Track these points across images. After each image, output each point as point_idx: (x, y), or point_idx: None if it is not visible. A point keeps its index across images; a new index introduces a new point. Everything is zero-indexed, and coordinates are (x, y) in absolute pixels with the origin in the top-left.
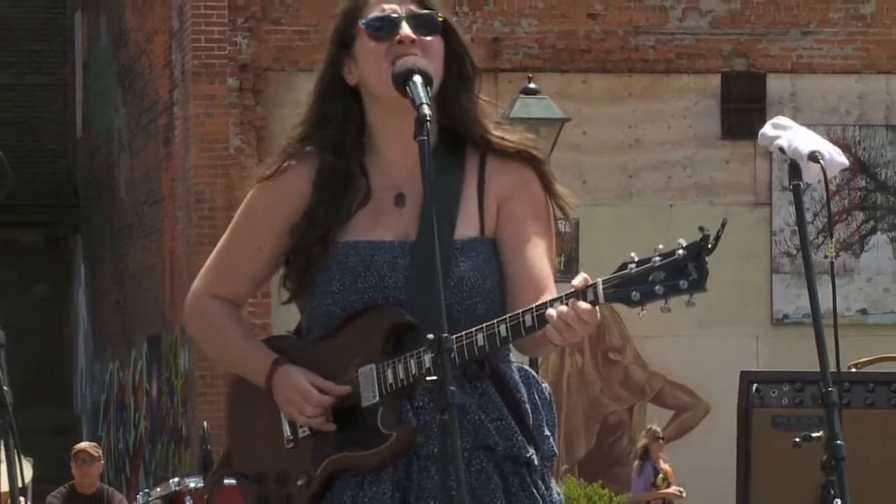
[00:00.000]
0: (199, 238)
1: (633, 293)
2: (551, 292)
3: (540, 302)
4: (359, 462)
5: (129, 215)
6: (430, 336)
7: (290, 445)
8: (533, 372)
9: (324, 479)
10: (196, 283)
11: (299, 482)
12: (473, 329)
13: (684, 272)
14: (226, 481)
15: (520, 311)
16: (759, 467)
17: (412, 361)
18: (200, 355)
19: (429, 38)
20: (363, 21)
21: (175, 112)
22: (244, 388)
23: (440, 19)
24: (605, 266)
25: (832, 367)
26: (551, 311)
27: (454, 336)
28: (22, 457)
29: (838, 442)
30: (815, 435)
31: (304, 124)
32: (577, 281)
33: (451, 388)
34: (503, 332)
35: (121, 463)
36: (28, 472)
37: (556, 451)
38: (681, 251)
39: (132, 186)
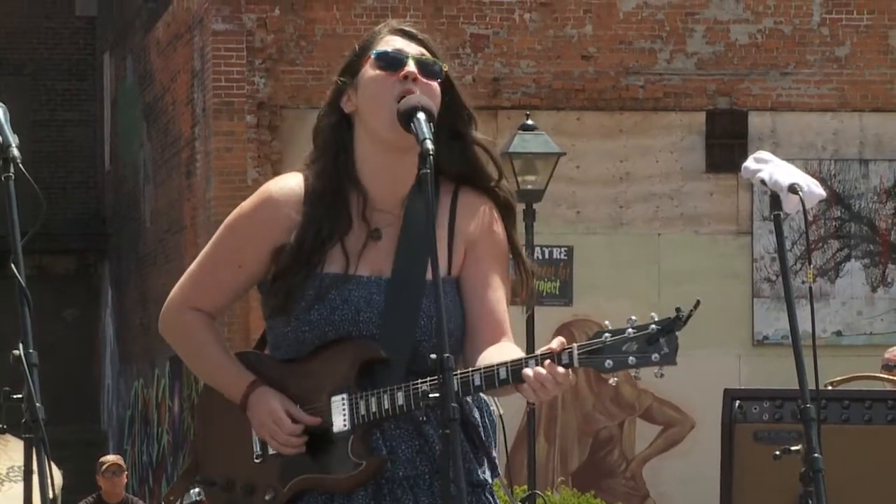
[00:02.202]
0: None
1: (607, 361)
2: (509, 336)
3: (515, 358)
4: (327, 485)
5: (153, 243)
6: (433, 356)
7: (259, 461)
8: (485, 397)
9: (290, 496)
10: (174, 294)
11: (267, 496)
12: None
13: (656, 346)
14: (192, 491)
15: (496, 364)
16: (741, 479)
17: (385, 397)
18: None
19: (429, 82)
20: (374, 51)
21: (197, 146)
22: (214, 399)
23: (444, 69)
24: (598, 290)
25: (810, 386)
26: (528, 372)
27: (429, 379)
28: (53, 468)
29: (816, 455)
30: (794, 448)
31: (311, 153)
32: (555, 344)
33: (454, 404)
34: (476, 382)
35: (145, 475)
36: (59, 482)
37: (499, 473)
38: (654, 326)
39: (156, 216)
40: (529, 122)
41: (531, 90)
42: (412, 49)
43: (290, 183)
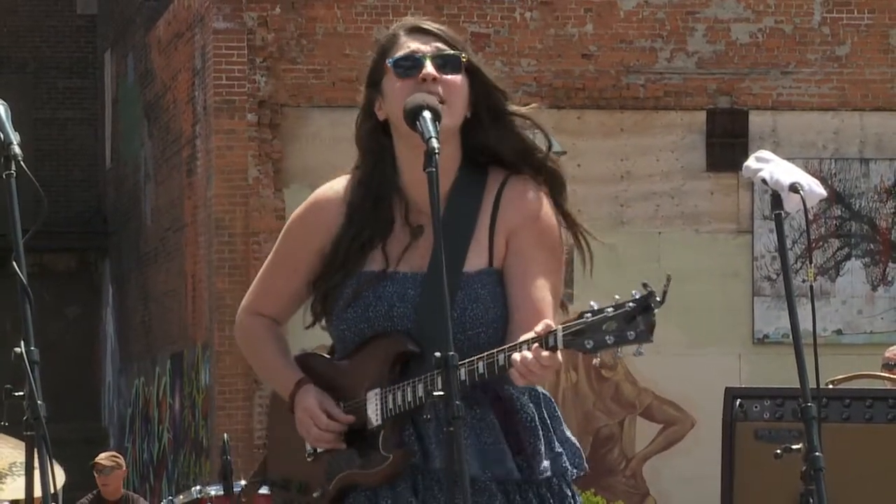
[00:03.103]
0: (220, 262)
1: (587, 341)
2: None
3: (509, 344)
4: (361, 480)
5: (154, 241)
6: (437, 354)
7: (310, 459)
8: (544, 391)
9: (335, 493)
10: (244, 301)
11: (315, 494)
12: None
13: (633, 324)
14: (261, 491)
15: (495, 350)
16: (742, 477)
17: (408, 389)
18: (220, 371)
19: (450, 77)
20: (390, 60)
21: (197, 145)
22: (278, 400)
23: (463, 59)
24: (598, 289)
25: (811, 384)
26: (515, 356)
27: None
28: (55, 465)
29: (817, 454)
30: (795, 447)
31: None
32: (540, 328)
33: (457, 402)
34: (481, 370)
35: (146, 472)
36: (60, 478)
37: (567, 466)
38: (631, 303)
39: (157, 214)
40: None
41: (532, 89)
42: (428, 47)
43: (337, 186)
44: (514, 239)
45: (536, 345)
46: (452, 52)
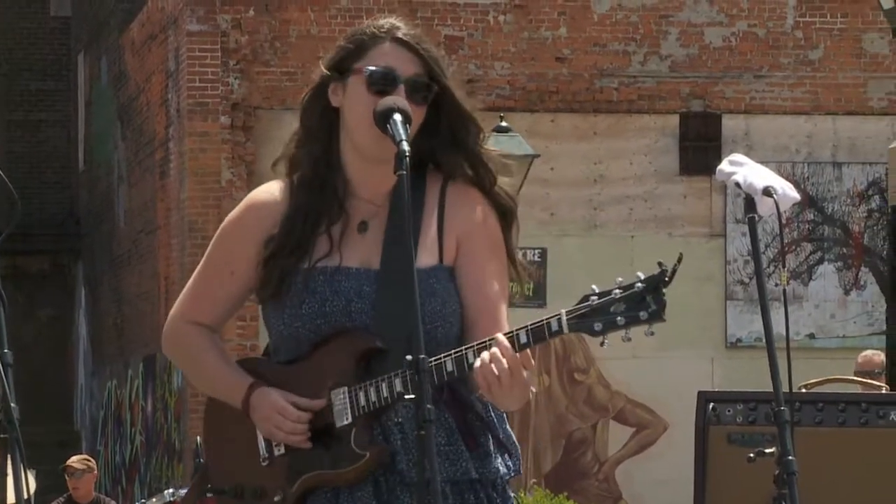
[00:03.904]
0: (193, 265)
1: (596, 324)
2: (505, 328)
3: (478, 342)
4: (333, 479)
5: (127, 243)
6: (409, 357)
7: (266, 463)
8: None
9: (299, 495)
10: (174, 310)
11: (276, 498)
12: (443, 356)
13: (643, 304)
14: (166, 492)
15: (464, 347)
16: (714, 481)
17: (383, 385)
18: None
19: (416, 107)
20: (368, 68)
21: (171, 147)
22: (219, 408)
23: (434, 90)
24: (572, 292)
25: (784, 388)
26: (476, 362)
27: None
28: (26, 470)
29: (790, 458)
30: (768, 451)
31: (295, 136)
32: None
33: (429, 405)
34: (449, 367)
35: (118, 475)
36: (31, 484)
37: (511, 466)
38: (640, 284)
39: (130, 216)
40: (503, 123)
41: (505, 92)
42: (407, 68)
43: (274, 188)
44: (467, 242)
45: (507, 345)
46: (426, 81)
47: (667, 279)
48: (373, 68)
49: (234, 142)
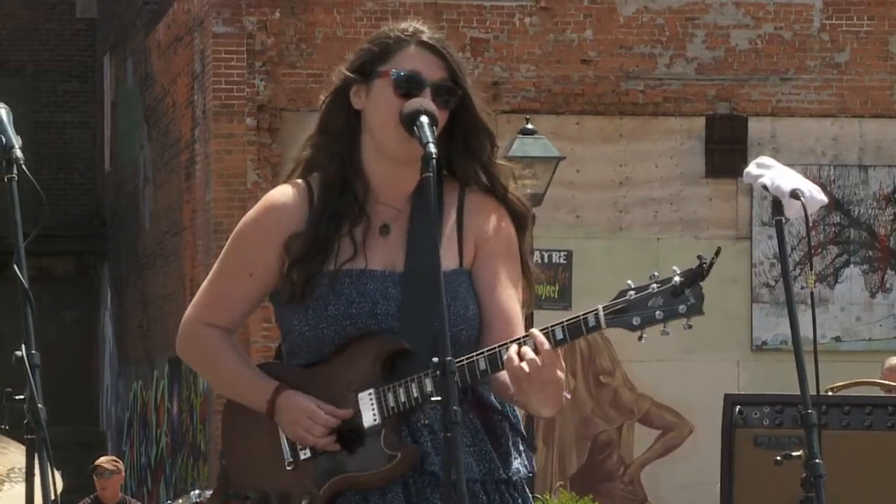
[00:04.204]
0: None
1: (634, 318)
2: (519, 331)
3: (510, 339)
4: (363, 481)
5: (153, 245)
6: (435, 359)
7: (291, 467)
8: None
9: (327, 498)
10: (189, 312)
11: (303, 502)
12: (475, 354)
13: (681, 297)
14: (192, 493)
15: (496, 345)
16: (741, 483)
17: (413, 385)
18: None
19: (440, 111)
20: (395, 71)
21: (196, 149)
22: (238, 411)
23: (458, 94)
24: (597, 294)
25: (811, 391)
26: (513, 355)
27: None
28: (53, 470)
29: (817, 461)
30: (795, 454)
31: (311, 140)
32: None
33: (455, 407)
34: (482, 366)
35: (143, 476)
36: (59, 484)
37: (529, 466)
38: (677, 278)
39: (156, 218)
40: (529, 126)
41: (531, 94)
42: (433, 72)
43: (293, 190)
44: (485, 245)
45: (542, 339)
46: (451, 85)
47: (704, 273)
48: (400, 71)
49: (259, 143)
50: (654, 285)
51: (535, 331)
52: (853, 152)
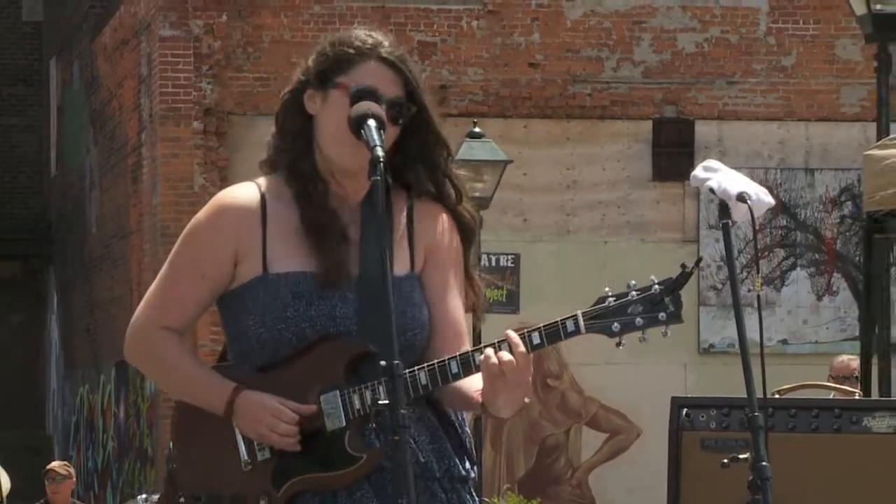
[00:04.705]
0: None
1: (614, 324)
2: (466, 345)
3: (490, 342)
4: (325, 483)
5: (100, 248)
6: (383, 363)
7: (248, 468)
8: None
9: (286, 499)
10: (139, 315)
11: (261, 502)
12: (425, 365)
13: (661, 305)
14: (139, 497)
15: (470, 349)
16: (688, 486)
17: (380, 388)
18: None
19: (391, 127)
20: (353, 85)
21: (143, 153)
22: (189, 414)
23: (412, 111)
24: (545, 298)
25: (759, 394)
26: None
27: (417, 368)
28: (2, 472)
29: (764, 463)
30: (742, 457)
31: (272, 138)
32: (511, 333)
33: (403, 411)
34: (454, 369)
35: (90, 480)
36: (6, 484)
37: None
38: (657, 286)
39: (102, 221)
40: (477, 129)
41: (478, 98)
42: (389, 88)
43: (243, 191)
44: (435, 253)
45: (518, 341)
46: (405, 103)
47: (684, 281)
48: (357, 86)
49: (206, 147)
50: (634, 293)
51: (510, 332)
52: (799, 156)
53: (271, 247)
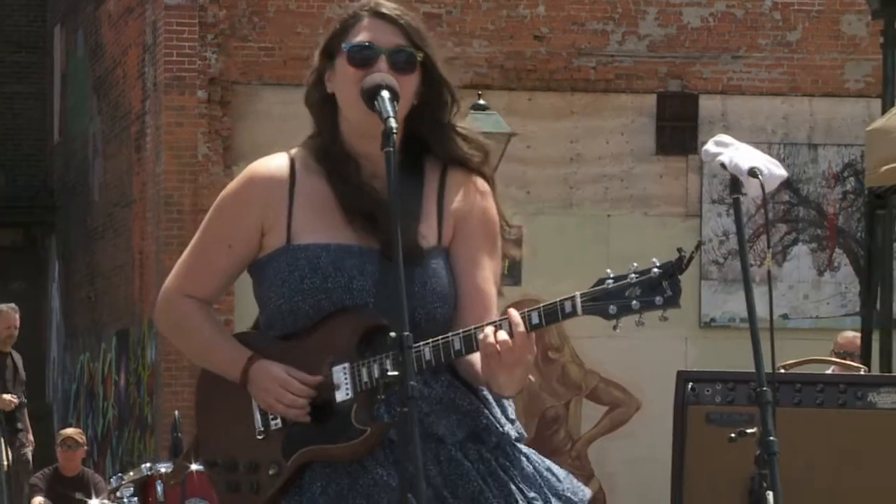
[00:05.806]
0: (167, 239)
1: (611, 307)
2: (494, 316)
3: (486, 322)
4: (330, 454)
5: (102, 217)
6: (392, 334)
7: (261, 437)
8: None
9: (295, 468)
10: (168, 282)
11: (271, 472)
12: (430, 340)
13: (659, 289)
14: (193, 467)
15: (473, 326)
16: (693, 460)
17: (388, 361)
18: (166, 348)
19: (402, 77)
20: (346, 44)
21: (147, 121)
22: (212, 381)
23: (419, 58)
24: (547, 271)
25: (767, 368)
26: (489, 336)
27: (430, 342)
28: (6, 441)
29: (772, 438)
30: (749, 431)
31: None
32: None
33: (412, 382)
34: (457, 346)
35: (90, 448)
36: (9, 453)
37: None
38: (656, 269)
39: (105, 190)
40: (481, 101)
41: (483, 70)
42: (387, 39)
43: (274, 162)
44: (463, 225)
45: (518, 320)
46: (409, 49)
47: (683, 266)
48: (352, 44)
49: (210, 116)
50: (633, 275)
51: (512, 311)
52: (803, 131)
53: (296, 219)
